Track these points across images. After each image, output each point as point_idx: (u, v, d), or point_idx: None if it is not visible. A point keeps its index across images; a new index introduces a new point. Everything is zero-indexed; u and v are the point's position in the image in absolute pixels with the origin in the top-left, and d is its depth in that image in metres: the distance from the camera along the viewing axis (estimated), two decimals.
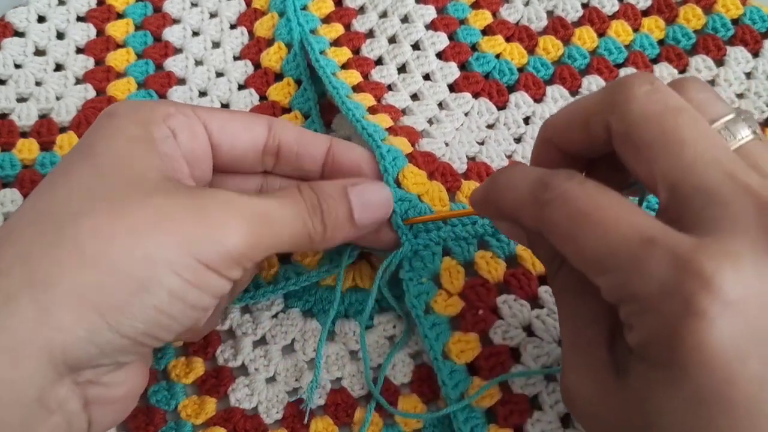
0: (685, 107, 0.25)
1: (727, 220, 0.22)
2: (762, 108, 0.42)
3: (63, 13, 0.48)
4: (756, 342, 0.22)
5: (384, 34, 0.46)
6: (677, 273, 0.22)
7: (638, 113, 0.25)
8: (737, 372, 0.22)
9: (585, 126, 0.27)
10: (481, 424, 0.33)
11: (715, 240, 0.22)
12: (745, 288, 0.21)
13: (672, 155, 0.24)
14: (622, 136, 0.25)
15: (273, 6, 0.48)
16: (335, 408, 0.35)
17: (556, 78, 0.44)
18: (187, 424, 0.34)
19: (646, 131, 0.24)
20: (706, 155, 0.23)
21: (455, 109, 0.43)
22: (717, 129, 0.25)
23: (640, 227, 0.23)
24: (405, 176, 0.36)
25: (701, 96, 0.26)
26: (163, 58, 0.46)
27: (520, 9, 0.47)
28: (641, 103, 0.25)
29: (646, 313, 0.23)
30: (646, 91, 0.25)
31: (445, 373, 0.34)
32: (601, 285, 0.24)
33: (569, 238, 0.24)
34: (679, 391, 0.22)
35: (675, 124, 0.24)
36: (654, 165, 0.24)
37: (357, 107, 0.40)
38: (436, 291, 0.36)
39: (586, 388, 0.26)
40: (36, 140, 0.43)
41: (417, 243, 0.36)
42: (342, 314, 0.37)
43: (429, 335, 0.35)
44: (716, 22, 0.45)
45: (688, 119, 0.24)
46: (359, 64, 0.45)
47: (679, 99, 0.25)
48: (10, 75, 0.45)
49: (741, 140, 0.25)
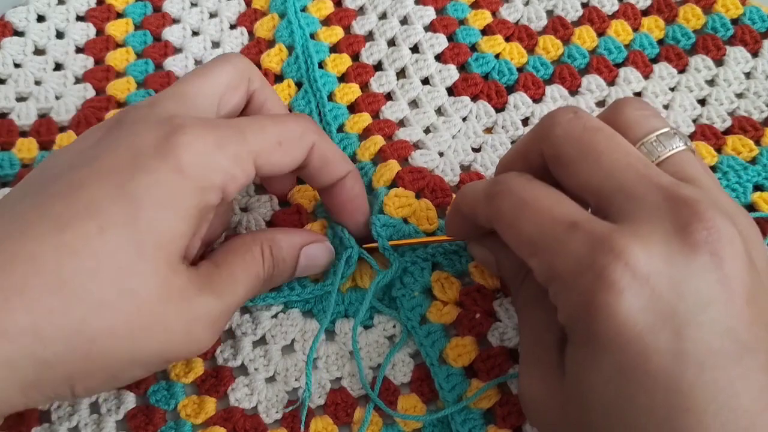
0: (602, 127, 0.28)
1: (642, 211, 0.25)
2: (761, 108, 0.42)
3: (62, 12, 0.48)
4: (667, 316, 0.24)
5: (383, 37, 0.46)
6: (592, 250, 0.24)
7: (562, 136, 0.28)
8: (650, 345, 0.24)
9: (525, 157, 0.31)
10: (479, 425, 0.33)
11: (629, 225, 0.25)
12: (654, 265, 0.24)
13: (592, 165, 0.27)
14: (552, 158, 0.29)
15: (273, 7, 0.48)
16: (335, 408, 0.35)
17: (555, 77, 0.44)
18: (187, 423, 0.34)
19: (570, 149, 0.28)
20: (621, 162, 0.27)
21: (453, 114, 0.43)
22: (651, 140, 0.29)
23: (567, 214, 0.26)
24: (387, 203, 0.38)
25: (637, 113, 0.30)
26: (163, 57, 0.46)
27: (519, 8, 0.47)
28: (564, 128, 0.28)
29: (566, 291, 0.26)
30: (569, 119, 0.28)
31: (441, 377, 0.34)
32: (533, 266, 0.27)
33: (511, 225, 0.28)
34: (601, 368, 0.24)
35: (592, 140, 0.27)
36: (579, 177, 0.27)
37: (346, 146, 0.41)
38: (429, 303, 0.36)
39: (537, 390, 0.29)
40: (35, 139, 0.43)
41: (405, 261, 0.37)
42: (342, 314, 0.37)
43: (425, 343, 0.35)
44: (716, 22, 0.45)
45: (604, 136, 0.28)
46: (358, 74, 0.45)
47: (597, 121, 0.28)
48: (9, 74, 0.45)
49: (673, 150, 0.29)
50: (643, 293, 0.24)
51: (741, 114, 0.42)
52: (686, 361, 0.23)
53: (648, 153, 0.29)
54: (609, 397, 0.25)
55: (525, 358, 0.30)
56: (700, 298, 0.24)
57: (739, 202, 0.39)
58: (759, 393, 0.23)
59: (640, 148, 0.29)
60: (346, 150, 0.41)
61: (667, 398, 0.23)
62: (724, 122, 0.42)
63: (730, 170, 0.40)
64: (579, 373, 0.26)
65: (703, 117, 0.42)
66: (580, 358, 0.26)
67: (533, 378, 0.29)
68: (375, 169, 0.40)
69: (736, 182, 0.39)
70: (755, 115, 0.42)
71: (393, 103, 0.44)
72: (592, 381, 0.25)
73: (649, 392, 0.24)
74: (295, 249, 0.35)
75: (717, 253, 0.24)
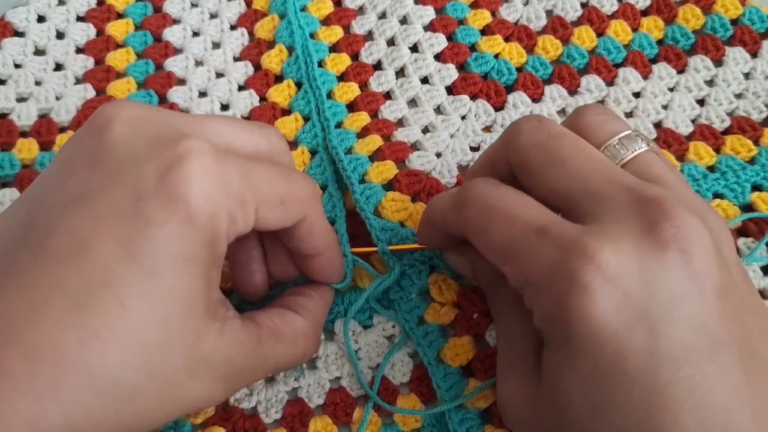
0: (566, 133, 0.29)
1: (610, 213, 0.25)
2: (760, 108, 0.42)
3: (63, 12, 0.48)
4: (639, 315, 0.24)
5: (383, 37, 0.46)
6: (563, 254, 0.25)
7: (528, 144, 0.29)
8: (625, 344, 0.24)
9: (493, 166, 0.31)
10: (476, 425, 0.33)
11: (598, 227, 0.25)
12: (625, 265, 0.24)
13: (558, 170, 0.27)
14: (519, 166, 0.29)
15: (273, 8, 0.48)
16: (334, 407, 0.35)
17: (554, 77, 0.45)
18: (187, 423, 0.34)
19: (535, 156, 0.28)
20: (586, 166, 0.27)
21: (452, 113, 0.43)
22: (613, 143, 0.29)
23: (536, 218, 0.26)
24: (383, 207, 0.38)
25: (599, 118, 0.30)
26: (163, 58, 0.46)
27: (519, 8, 0.47)
28: (529, 136, 0.29)
29: (540, 296, 0.26)
30: (533, 126, 0.29)
31: (439, 377, 0.34)
32: (507, 273, 0.27)
33: (481, 232, 0.28)
34: (578, 370, 0.25)
35: (557, 146, 0.28)
36: (547, 182, 0.28)
37: (343, 139, 0.41)
38: (427, 305, 0.37)
39: (514, 396, 0.29)
40: (36, 140, 0.43)
41: (403, 264, 0.37)
42: (342, 314, 0.37)
43: (422, 343, 0.35)
44: (715, 23, 0.45)
45: (568, 141, 0.28)
46: (357, 73, 0.45)
47: (561, 128, 0.29)
48: (9, 75, 0.45)
49: (635, 151, 0.29)
50: (616, 293, 0.24)
51: (740, 114, 0.42)
52: (661, 359, 0.23)
53: (612, 156, 0.29)
54: (587, 399, 0.25)
55: (502, 365, 0.31)
56: (672, 296, 0.24)
57: (738, 202, 0.39)
58: (734, 389, 0.24)
59: (604, 152, 0.29)
60: (342, 144, 0.41)
61: (644, 397, 0.23)
62: (723, 122, 0.42)
63: (729, 170, 0.40)
64: (556, 376, 0.26)
65: (702, 117, 0.42)
66: (556, 361, 0.26)
67: (510, 384, 0.29)
68: (371, 164, 0.40)
69: (734, 182, 0.39)
70: (754, 116, 0.42)
71: (392, 102, 0.44)
72: (570, 383, 0.25)
73: (627, 392, 0.24)
74: None
75: (686, 250, 0.24)
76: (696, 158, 0.41)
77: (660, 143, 0.41)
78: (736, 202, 0.39)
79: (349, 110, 0.44)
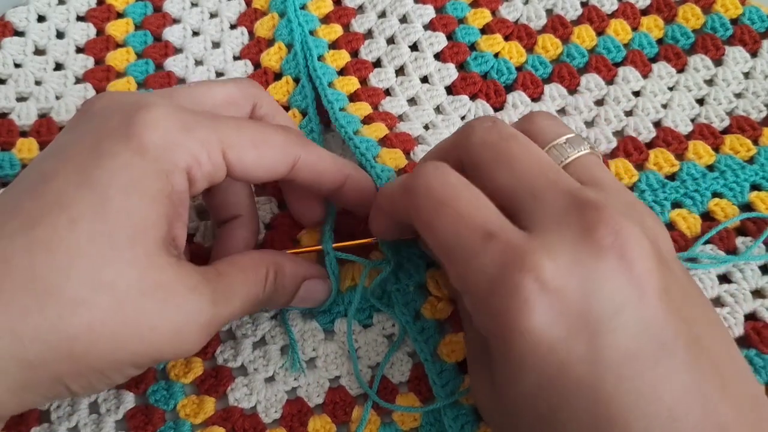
0: (517, 134, 0.29)
1: (551, 217, 0.26)
2: (760, 107, 0.42)
3: (63, 12, 0.48)
4: (580, 326, 0.24)
5: (382, 35, 0.46)
6: (504, 268, 0.24)
7: (479, 143, 0.29)
8: (567, 357, 0.24)
9: (444, 162, 0.30)
10: (471, 421, 0.33)
11: (538, 235, 0.25)
12: (564, 276, 0.24)
13: (506, 169, 0.28)
14: (469, 164, 0.29)
15: (273, 6, 0.48)
16: (333, 406, 0.35)
17: (554, 77, 0.45)
18: (186, 423, 0.34)
19: (486, 154, 0.29)
20: (533, 167, 0.27)
21: (452, 113, 0.43)
22: (559, 144, 0.30)
23: (484, 221, 0.26)
24: None
25: (546, 122, 0.31)
26: (163, 57, 0.46)
27: (519, 7, 0.47)
28: (480, 136, 0.29)
29: (480, 309, 0.26)
30: (486, 127, 0.29)
31: (434, 373, 0.34)
32: (450, 273, 0.27)
33: (429, 225, 0.27)
34: (523, 384, 0.25)
35: (507, 146, 0.28)
36: (494, 180, 0.28)
37: (350, 122, 0.40)
38: (424, 298, 0.36)
39: (481, 392, 0.29)
40: (36, 140, 0.43)
41: (401, 257, 0.37)
42: (342, 314, 0.37)
43: (419, 339, 0.35)
44: (715, 22, 0.45)
45: (518, 142, 0.29)
46: (357, 69, 0.45)
47: (512, 130, 0.29)
48: (9, 74, 0.45)
49: (578, 153, 0.30)
50: (555, 306, 0.24)
51: (739, 114, 0.42)
52: (604, 369, 0.23)
53: (557, 155, 0.30)
54: (535, 411, 0.25)
55: (470, 364, 0.31)
56: (613, 303, 0.24)
57: (736, 202, 0.39)
58: (682, 393, 0.23)
59: (550, 151, 0.30)
60: (350, 126, 0.40)
61: (590, 409, 0.23)
62: (722, 122, 0.42)
63: (728, 169, 0.40)
64: (504, 388, 0.26)
65: (701, 116, 0.42)
66: (502, 374, 0.26)
67: (479, 383, 0.30)
68: (380, 149, 0.39)
69: (733, 181, 0.39)
70: (753, 115, 0.42)
71: (392, 98, 0.44)
72: (517, 397, 0.25)
73: (572, 404, 0.24)
74: (297, 279, 0.34)
75: (624, 255, 0.24)
76: (695, 157, 0.41)
77: (659, 142, 0.41)
78: (734, 201, 0.39)
79: (350, 101, 0.43)
